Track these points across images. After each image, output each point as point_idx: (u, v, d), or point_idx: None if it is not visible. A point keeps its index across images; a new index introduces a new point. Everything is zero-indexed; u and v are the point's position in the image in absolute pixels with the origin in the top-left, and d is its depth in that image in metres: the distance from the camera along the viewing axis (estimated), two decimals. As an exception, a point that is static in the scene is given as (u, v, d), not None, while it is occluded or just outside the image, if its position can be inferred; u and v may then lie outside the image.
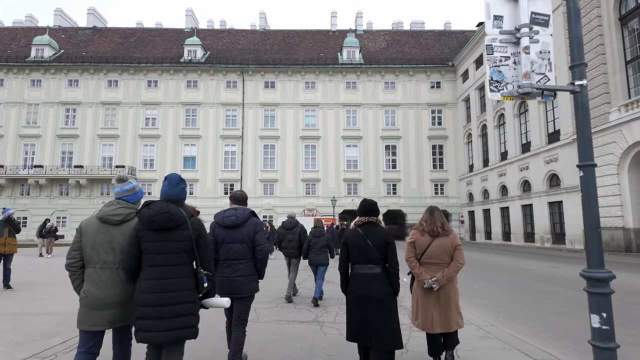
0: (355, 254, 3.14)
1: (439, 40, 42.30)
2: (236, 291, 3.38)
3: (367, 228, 3.19)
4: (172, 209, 2.56)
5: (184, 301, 2.51)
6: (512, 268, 12.46)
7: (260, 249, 3.49)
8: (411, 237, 3.52)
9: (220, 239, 3.50)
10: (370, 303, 2.99)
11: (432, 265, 3.34)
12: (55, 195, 35.80)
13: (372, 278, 3.03)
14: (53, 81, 37.22)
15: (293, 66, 37.37)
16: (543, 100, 13.24)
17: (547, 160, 23.27)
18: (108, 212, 2.70)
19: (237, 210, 3.56)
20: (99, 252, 2.63)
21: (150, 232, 2.53)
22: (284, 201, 36.01)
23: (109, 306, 2.58)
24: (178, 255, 2.54)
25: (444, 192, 36.64)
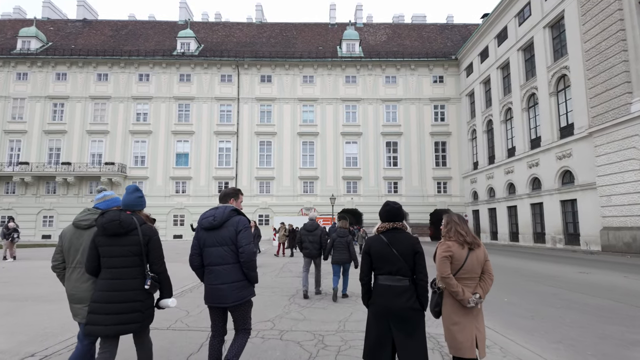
0: (380, 264, 2.86)
1: (441, 34, 40.95)
2: (221, 300, 3.07)
3: (391, 235, 2.89)
4: (122, 217, 2.84)
5: (130, 299, 2.79)
6: (536, 273, 11.07)
7: (242, 251, 3.09)
8: (446, 250, 2.94)
9: (201, 242, 3.19)
10: (394, 319, 2.73)
11: (467, 281, 2.92)
12: (42, 194, 34.28)
13: (400, 291, 2.77)
14: (40, 74, 35.69)
15: (290, 59, 35.93)
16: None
17: (560, 156, 21.91)
18: (79, 218, 3.09)
19: (217, 209, 3.23)
20: (73, 254, 3.01)
21: (104, 237, 2.83)
22: (280, 200, 34.59)
23: (79, 301, 2.95)
24: (129, 259, 2.84)
25: (446, 190, 35.29)
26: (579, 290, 8.11)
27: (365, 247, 2.98)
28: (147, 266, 2.92)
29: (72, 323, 4.17)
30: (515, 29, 26.80)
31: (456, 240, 2.98)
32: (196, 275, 3.25)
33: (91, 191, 34.47)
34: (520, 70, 26.30)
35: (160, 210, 33.28)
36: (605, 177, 18.32)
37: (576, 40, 20.58)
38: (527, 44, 25.66)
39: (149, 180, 34.67)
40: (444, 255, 2.92)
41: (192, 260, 3.20)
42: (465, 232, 3.00)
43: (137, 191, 3.06)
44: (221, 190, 35.26)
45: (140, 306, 2.83)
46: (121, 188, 34.28)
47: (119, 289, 2.79)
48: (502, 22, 28.65)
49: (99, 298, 2.79)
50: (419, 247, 2.87)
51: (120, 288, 2.79)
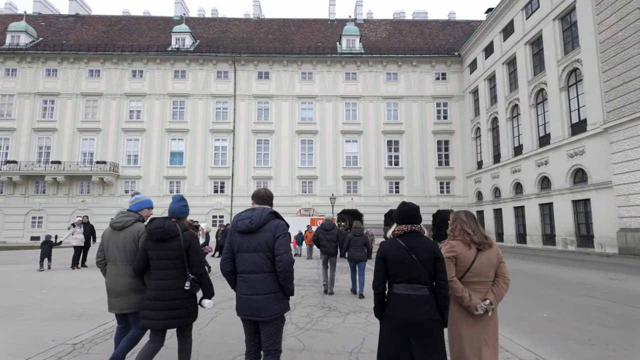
0: (396, 272, 2.58)
1: (443, 30, 39.94)
2: (254, 313, 2.80)
3: (410, 239, 2.62)
4: (166, 224, 3.17)
5: (175, 298, 3.10)
6: (560, 279, 9.99)
7: (280, 260, 2.80)
8: (449, 250, 2.74)
9: (236, 247, 2.92)
10: (414, 332, 2.45)
11: (477, 285, 2.67)
12: (31, 194, 33.05)
13: (420, 301, 2.49)
14: (29, 70, 34.48)
15: (288, 55, 34.83)
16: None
17: (571, 154, 20.86)
18: (114, 220, 3.51)
19: (254, 211, 2.94)
20: (110, 252, 3.44)
21: (152, 242, 3.18)
22: (278, 200, 33.35)
23: (116, 294, 3.36)
24: (172, 262, 3.15)
25: (449, 190, 34.22)
26: (622, 301, 7.02)
27: (379, 253, 2.69)
28: (188, 269, 3.18)
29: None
30: (523, 23, 25.79)
31: (462, 240, 2.77)
32: (227, 282, 3.02)
33: (82, 191, 33.28)
34: (527, 65, 25.27)
35: (153, 211, 31.91)
36: (622, 175, 17.28)
37: (589, 31, 19.56)
38: (535, 38, 24.64)
39: (142, 179, 33.49)
40: (447, 255, 2.72)
41: (224, 265, 2.97)
42: (472, 231, 2.78)
43: (182, 200, 3.34)
44: (217, 190, 34.51)
45: (183, 304, 3.11)
46: (113, 188, 33.14)
47: (166, 289, 3.08)
48: (508, 15, 27.64)
49: (150, 296, 3.10)
50: (439, 252, 2.64)
51: (167, 287, 3.08)
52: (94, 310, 6.09)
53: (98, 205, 32.63)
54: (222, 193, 33.57)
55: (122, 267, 3.36)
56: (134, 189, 33.40)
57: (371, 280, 2.82)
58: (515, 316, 5.78)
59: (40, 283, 8.98)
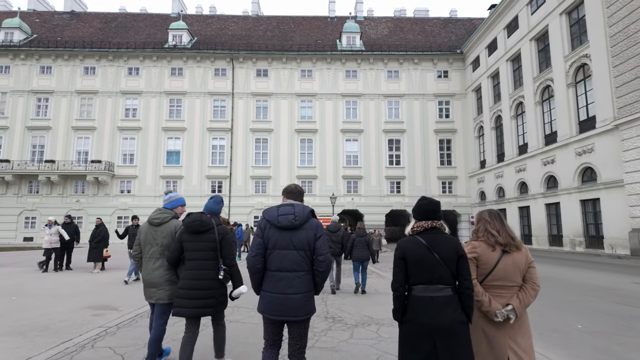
0: (417, 271, 2.43)
1: (445, 28, 39.34)
2: (291, 313, 2.70)
3: (430, 236, 2.49)
4: (203, 218, 3.41)
5: (208, 287, 3.31)
6: (582, 284, 9.33)
7: (323, 260, 2.78)
8: (471, 250, 2.58)
9: (271, 243, 2.79)
10: (440, 336, 2.31)
11: (500, 289, 2.51)
12: (24, 193, 32.30)
13: (444, 303, 2.35)
14: (23, 68, 33.76)
15: (288, 53, 34.17)
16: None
17: (579, 152, 20.23)
18: (152, 216, 3.75)
19: (295, 207, 2.86)
20: (147, 246, 3.67)
21: (188, 234, 3.39)
22: (277, 200, 32.72)
23: (153, 285, 3.56)
24: (206, 253, 3.36)
25: (452, 190, 33.57)
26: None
27: (398, 252, 2.55)
28: (221, 260, 3.41)
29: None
30: (528, 18, 25.18)
31: (485, 241, 2.63)
32: (251, 279, 2.84)
33: (76, 191, 32.54)
34: (533, 61, 24.66)
35: (149, 211, 30.91)
36: (635, 173, 16.64)
37: (599, 25, 18.94)
38: (540, 34, 24.04)
39: (138, 179, 32.77)
40: (468, 256, 2.55)
41: (255, 261, 2.79)
42: (497, 231, 2.62)
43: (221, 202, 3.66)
44: (215, 190, 33.77)
45: (215, 293, 3.33)
46: (108, 187, 32.41)
47: (199, 278, 3.30)
48: (512, 11, 27.03)
49: (184, 285, 3.32)
50: (462, 249, 2.50)
51: (200, 277, 3.30)
52: (61, 323, 5.33)
53: (93, 205, 31.90)
54: (220, 193, 32.83)
55: (159, 261, 3.59)
56: (130, 188, 32.75)
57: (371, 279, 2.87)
58: (545, 327, 5.12)
59: (14, 289, 8.16)
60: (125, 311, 5.82)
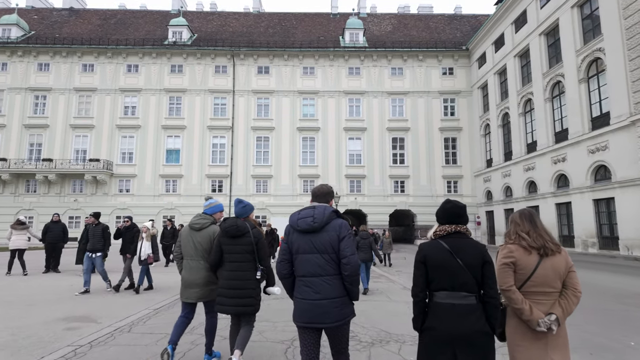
0: (439, 277, 2.33)
1: (449, 24, 38.57)
2: (318, 320, 2.60)
3: (454, 241, 2.39)
4: (238, 223, 3.61)
5: (246, 287, 3.53)
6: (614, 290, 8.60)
7: (347, 262, 2.62)
8: (507, 255, 2.40)
9: (295, 248, 2.73)
10: (461, 346, 2.21)
11: (539, 296, 2.34)
12: (21, 192, 31.74)
13: (466, 311, 2.25)
14: (20, 65, 33.20)
15: (290, 49, 33.50)
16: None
17: (592, 150, 19.47)
18: (193, 221, 3.97)
19: (315, 209, 2.77)
20: (188, 249, 3.90)
21: (226, 238, 3.61)
22: (278, 200, 32.10)
23: (195, 286, 3.82)
24: (244, 255, 3.58)
25: (457, 190, 32.81)
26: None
27: (419, 255, 2.43)
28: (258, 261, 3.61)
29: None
30: (537, 12, 24.42)
31: (517, 244, 2.42)
32: (283, 286, 2.82)
33: (74, 190, 31.96)
34: (542, 56, 23.90)
35: (148, 210, 30.71)
36: (653, 171, 15.89)
37: (613, 17, 18.19)
38: (550, 28, 23.28)
39: (137, 178, 32.16)
40: (504, 262, 2.38)
41: (281, 267, 2.75)
42: (526, 234, 2.42)
43: (240, 203, 3.74)
44: (215, 189, 33.11)
45: (252, 293, 3.55)
46: (107, 187, 31.81)
47: (238, 279, 3.52)
48: (520, 6, 26.26)
49: (225, 285, 3.55)
50: (488, 256, 2.35)
51: (239, 277, 3.53)
52: (25, 340, 4.54)
53: (91, 205, 31.26)
54: (221, 192, 32.21)
55: (199, 263, 3.83)
56: (129, 187, 32.16)
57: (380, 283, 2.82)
58: (593, 345, 4.44)
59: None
60: (105, 324, 5.14)
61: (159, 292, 8.00)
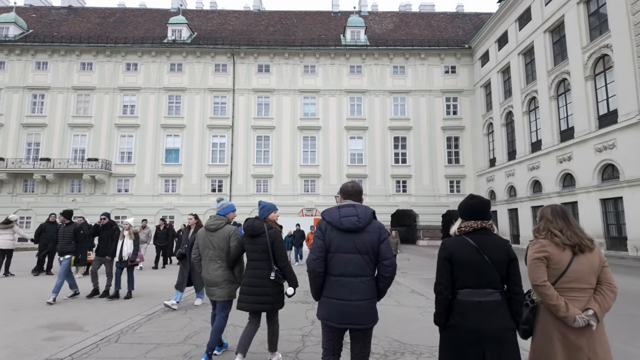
0: (463, 275, 2.29)
1: (451, 23, 38.19)
2: (356, 321, 2.56)
3: (480, 237, 2.34)
4: (255, 223, 3.74)
5: (264, 285, 3.61)
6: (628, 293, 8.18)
7: (390, 264, 2.62)
8: (540, 249, 2.34)
9: (333, 246, 2.63)
10: (490, 344, 2.17)
11: (575, 292, 2.27)
12: (19, 192, 31.39)
13: (493, 308, 2.22)
14: (18, 63, 32.85)
15: (290, 48, 33.12)
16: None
17: (599, 148, 19.07)
18: (209, 223, 4.08)
19: (357, 207, 2.69)
20: (206, 250, 4.03)
21: (247, 237, 3.76)
22: (279, 199, 31.63)
23: (215, 284, 3.96)
24: (261, 254, 3.68)
25: (460, 189, 32.41)
26: None
27: (443, 252, 2.38)
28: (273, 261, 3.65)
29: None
30: (541, 9, 24.02)
31: (549, 239, 2.37)
32: (310, 284, 2.69)
33: (72, 190, 31.60)
34: (547, 54, 23.50)
35: (147, 210, 30.31)
36: (663, 170, 15.49)
37: (621, 13, 17.79)
38: (555, 25, 22.88)
39: (136, 178, 31.79)
40: (537, 256, 2.32)
41: (316, 265, 2.63)
42: (559, 231, 2.37)
43: (259, 205, 3.95)
44: (215, 189, 32.73)
45: (270, 291, 3.60)
46: (105, 186, 31.44)
47: (256, 277, 3.62)
48: (524, 3, 25.86)
49: (246, 283, 3.67)
50: (513, 252, 2.33)
51: (257, 276, 3.62)
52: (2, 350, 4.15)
53: (89, 204, 30.93)
54: (220, 192, 31.83)
55: (217, 263, 3.93)
56: (127, 187, 31.79)
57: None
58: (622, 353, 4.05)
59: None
60: (91, 332, 4.75)
61: (153, 296, 7.58)
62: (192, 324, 5.33)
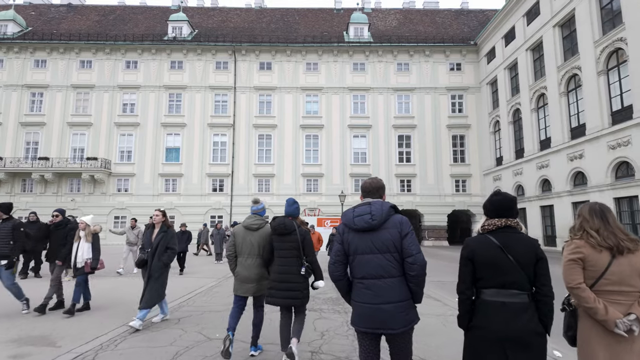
0: (487, 275, 2.22)
1: (456, 19, 37.54)
2: (383, 325, 2.40)
3: (504, 236, 2.26)
4: (286, 222, 3.91)
5: (293, 281, 3.80)
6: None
7: (414, 261, 2.41)
8: (574, 250, 2.24)
9: (352, 248, 2.53)
10: (512, 347, 2.09)
11: (616, 296, 2.16)
12: (17, 192, 30.91)
13: (518, 310, 2.14)
14: (17, 61, 32.39)
15: (292, 45, 32.53)
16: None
17: (613, 145, 18.39)
18: (249, 222, 4.25)
19: (372, 205, 2.56)
20: (244, 248, 4.20)
21: (276, 236, 3.94)
22: (281, 199, 31.00)
23: (250, 281, 4.14)
24: (291, 251, 3.86)
25: (465, 189, 31.74)
26: None
27: (465, 251, 2.33)
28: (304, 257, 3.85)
29: None
30: (550, 3, 23.33)
31: (585, 240, 2.25)
32: (338, 289, 2.61)
33: (71, 189, 31.09)
34: (557, 49, 22.81)
35: (147, 210, 29.60)
36: (682, 168, 14.81)
37: (635, 5, 17.11)
38: (565, 19, 22.20)
39: (136, 177, 31.26)
40: (571, 258, 2.22)
41: (335, 269, 2.57)
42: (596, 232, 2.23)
43: (295, 203, 4.07)
44: (216, 188, 32.18)
45: (299, 286, 3.79)
46: (105, 186, 30.92)
47: (286, 273, 3.80)
48: (532, -3, 25.19)
49: (275, 278, 3.84)
50: (541, 252, 2.24)
51: (286, 272, 3.80)
52: None
53: (88, 204, 30.42)
54: (221, 192, 31.28)
55: (255, 260, 4.17)
56: (127, 187, 31.27)
57: None
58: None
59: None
60: (65, 348, 4.16)
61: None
62: (184, 336, 4.74)
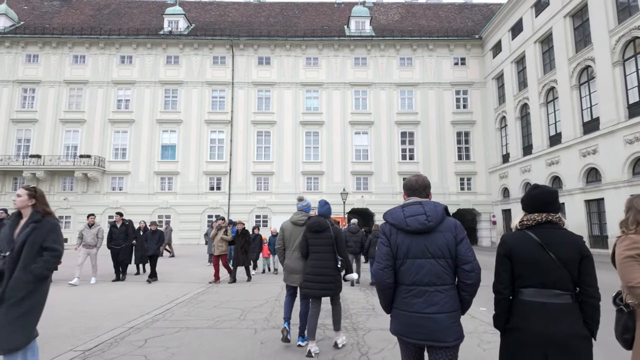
0: (526, 273, 2.06)
1: (460, 14, 36.63)
2: (436, 337, 2.12)
3: (545, 232, 2.09)
4: (320, 220, 4.34)
5: (327, 274, 4.21)
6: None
7: (472, 269, 2.18)
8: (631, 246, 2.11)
9: (402, 252, 2.25)
10: (554, 351, 1.92)
11: None
12: (8, 191, 29.92)
13: (561, 311, 1.96)
14: (8, 56, 31.41)
15: (292, 39, 31.59)
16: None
17: (630, 140, 17.46)
18: (297, 219, 4.64)
19: (424, 205, 2.30)
20: (292, 241, 4.57)
21: (311, 233, 4.34)
22: (280, 198, 30.17)
23: (296, 272, 4.49)
24: (325, 247, 4.26)
25: (471, 187, 30.81)
26: None
27: (502, 248, 2.16)
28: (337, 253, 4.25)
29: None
30: (561, -7, 22.41)
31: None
32: (379, 297, 2.32)
33: (64, 188, 30.13)
34: (568, 41, 21.88)
35: (142, 209, 28.87)
36: None
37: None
38: (577, 9, 21.28)
39: (131, 175, 30.31)
40: (629, 254, 2.10)
41: (384, 275, 2.25)
42: None
43: (327, 204, 4.56)
44: (213, 187, 31.21)
45: (333, 279, 4.20)
46: (98, 184, 29.98)
47: (320, 267, 4.20)
48: (541, -13, 24.27)
49: (310, 272, 4.25)
50: (587, 249, 2.05)
51: (321, 266, 4.20)
52: None
53: (82, 203, 29.48)
54: (219, 190, 30.35)
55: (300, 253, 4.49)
56: (122, 185, 30.33)
57: None
58: None
59: None
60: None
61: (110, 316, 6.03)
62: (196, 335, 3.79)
